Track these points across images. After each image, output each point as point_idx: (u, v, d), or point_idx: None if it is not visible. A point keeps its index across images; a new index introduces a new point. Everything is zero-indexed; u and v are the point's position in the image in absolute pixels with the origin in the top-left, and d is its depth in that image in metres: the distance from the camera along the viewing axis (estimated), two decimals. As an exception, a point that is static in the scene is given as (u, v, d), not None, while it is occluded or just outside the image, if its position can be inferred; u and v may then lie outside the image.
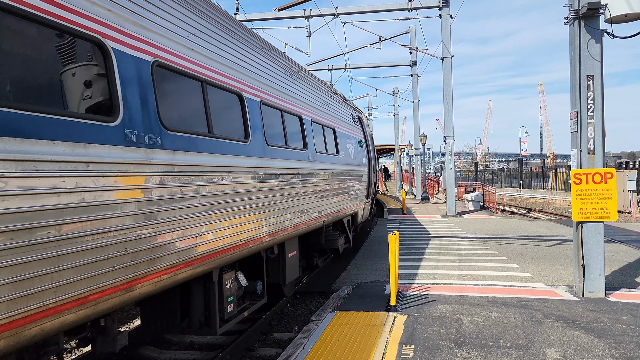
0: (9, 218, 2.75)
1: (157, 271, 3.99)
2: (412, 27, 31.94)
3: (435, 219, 20.63)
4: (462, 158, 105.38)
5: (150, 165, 3.89)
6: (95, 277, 3.34)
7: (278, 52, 7.74)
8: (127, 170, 3.64)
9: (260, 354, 6.66)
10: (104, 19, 3.59)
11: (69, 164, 3.13)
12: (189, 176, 4.41)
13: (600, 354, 5.21)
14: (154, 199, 3.93)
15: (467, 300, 7.46)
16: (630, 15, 7.14)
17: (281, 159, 6.68)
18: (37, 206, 2.91)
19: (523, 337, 5.78)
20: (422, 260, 11.06)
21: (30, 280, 2.88)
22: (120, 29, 3.77)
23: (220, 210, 4.95)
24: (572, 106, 7.70)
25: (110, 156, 3.48)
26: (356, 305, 7.36)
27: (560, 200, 35.77)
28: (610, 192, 7.38)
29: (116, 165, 3.54)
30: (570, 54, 7.66)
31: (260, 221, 5.86)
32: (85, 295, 3.26)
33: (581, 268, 7.58)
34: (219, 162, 4.96)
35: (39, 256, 2.93)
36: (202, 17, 5.17)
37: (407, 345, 5.49)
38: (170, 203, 4.13)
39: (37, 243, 2.91)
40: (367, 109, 55.53)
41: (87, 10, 3.44)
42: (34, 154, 2.88)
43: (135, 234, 3.70)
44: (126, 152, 3.65)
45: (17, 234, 2.79)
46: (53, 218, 3.02)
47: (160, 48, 4.27)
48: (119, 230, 3.54)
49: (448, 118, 21.28)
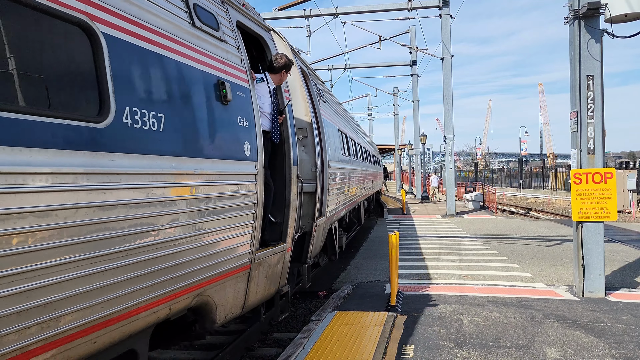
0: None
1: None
2: (412, 27, 31.96)
3: (435, 219, 20.64)
4: (462, 158, 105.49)
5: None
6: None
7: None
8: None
9: (260, 353, 6.66)
10: None
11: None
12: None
13: (600, 354, 5.21)
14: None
15: (467, 300, 7.46)
16: (630, 15, 7.14)
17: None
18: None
19: (523, 337, 5.78)
20: (422, 260, 11.06)
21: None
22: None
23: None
24: (572, 106, 7.70)
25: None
26: (356, 305, 7.36)
27: (560, 200, 35.79)
28: (610, 192, 7.38)
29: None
30: (570, 53, 7.66)
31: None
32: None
33: (581, 268, 7.58)
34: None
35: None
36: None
37: (407, 345, 5.49)
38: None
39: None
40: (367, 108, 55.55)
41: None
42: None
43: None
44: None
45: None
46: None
47: None
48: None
49: (448, 118, 21.29)
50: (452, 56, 21.26)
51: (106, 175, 2.81)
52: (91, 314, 2.76)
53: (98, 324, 2.84)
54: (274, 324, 7.99)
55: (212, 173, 3.87)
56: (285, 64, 5.55)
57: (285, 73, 5.61)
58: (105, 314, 2.85)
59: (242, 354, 6.58)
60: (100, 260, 2.80)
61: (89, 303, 2.75)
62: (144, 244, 3.09)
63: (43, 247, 2.46)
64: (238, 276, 4.43)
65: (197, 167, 3.66)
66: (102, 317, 2.85)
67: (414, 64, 34.52)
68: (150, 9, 3.39)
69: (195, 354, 6.51)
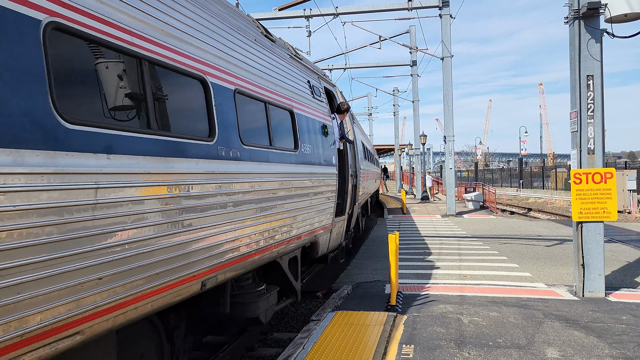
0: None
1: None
2: (412, 26, 31.95)
3: (435, 219, 20.63)
4: (462, 158, 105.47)
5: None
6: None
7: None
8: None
9: (260, 353, 6.66)
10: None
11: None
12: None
13: (600, 354, 5.21)
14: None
15: (467, 300, 7.46)
16: (630, 15, 7.14)
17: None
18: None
19: (523, 336, 5.78)
20: (422, 260, 11.07)
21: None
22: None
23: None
24: (572, 106, 7.70)
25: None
26: (356, 305, 7.36)
27: (560, 200, 35.79)
28: (610, 192, 7.38)
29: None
30: (570, 53, 7.66)
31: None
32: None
33: (581, 268, 7.58)
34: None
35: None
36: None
37: (407, 345, 5.49)
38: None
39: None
40: (367, 108, 55.56)
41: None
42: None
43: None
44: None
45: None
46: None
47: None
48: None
49: (448, 118, 21.29)
50: (452, 56, 21.27)
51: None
52: (298, 231, 6.42)
53: (301, 235, 6.57)
54: (274, 323, 8.00)
55: (323, 173, 7.39)
56: (347, 108, 9.15)
57: (346, 114, 9.08)
58: (297, 234, 6.35)
59: (242, 353, 6.58)
60: (315, 210, 6.96)
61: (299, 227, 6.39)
62: (308, 208, 6.70)
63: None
64: (327, 230, 7.98)
65: (319, 170, 7.21)
66: (298, 233, 6.45)
67: (414, 64, 34.51)
68: (298, 91, 6.94)
69: (195, 354, 6.50)
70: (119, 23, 3.31)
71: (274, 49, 6.53)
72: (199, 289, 4.12)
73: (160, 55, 3.70)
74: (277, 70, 6.27)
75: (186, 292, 3.95)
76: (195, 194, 3.95)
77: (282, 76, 6.43)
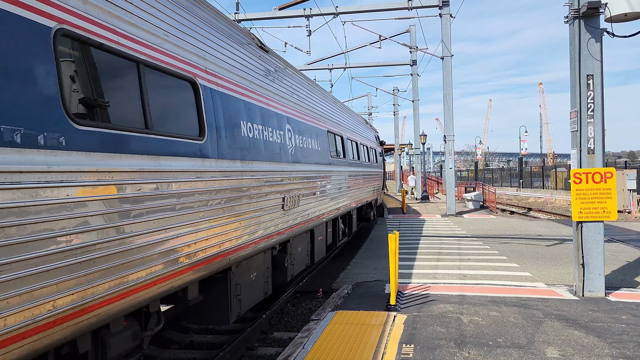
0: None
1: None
2: (412, 26, 31.93)
3: (435, 219, 20.63)
4: (462, 157, 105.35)
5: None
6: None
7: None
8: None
9: (261, 353, 6.66)
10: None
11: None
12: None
13: (600, 354, 5.21)
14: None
15: (467, 300, 7.46)
16: (630, 15, 7.14)
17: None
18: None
19: (523, 336, 5.78)
20: (422, 259, 11.07)
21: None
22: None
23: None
24: (572, 105, 7.70)
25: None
26: (356, 304, 7.36)
27: (560, 199, 35.78)
28: (610, 192, 7.38)
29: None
30: (570, 53, 7.66)
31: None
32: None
33: (581, 267, 7.58)
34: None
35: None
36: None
37: (407, 345, 5.50)
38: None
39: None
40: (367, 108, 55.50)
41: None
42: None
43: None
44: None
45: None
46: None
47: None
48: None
49: (448, 117, 21.29)
50: (452, 55, 21.27)
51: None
52: (375, 193, 18.72)
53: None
54: (274, 323, 8.00)
55: (379, 171, 20.29)
56: (382, 143, 24.08)
57: (383, 146, 24.17)
58: (374, 192, 18.30)
59: (243, 353, 6.58)
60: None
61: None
62: (374, 185, 17.99)
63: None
64: (379, 195, 20.86)
65: (379, 170, 20.11)
66: (375, 192, 18.70)
67: (414, 64, 34.50)
68: (366, 140, 17.67)
69: (195, 353, 6.51)
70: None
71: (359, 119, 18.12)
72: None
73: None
74: (366, 133, 18.10)
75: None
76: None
77: (364, 131, 17.93)
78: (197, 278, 4.80)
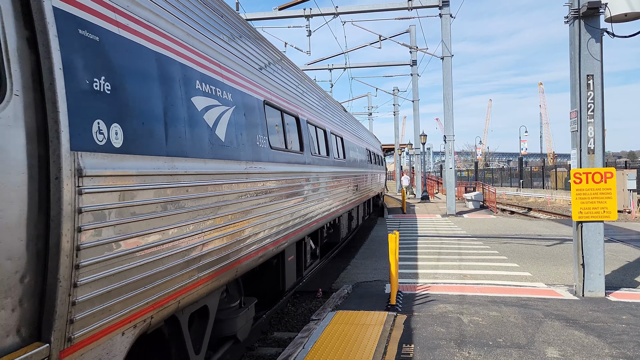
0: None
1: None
2: (412, 26, 31.94)
3: (436, 219, 20.63)
4: (462, 157, 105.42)
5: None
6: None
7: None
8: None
9: (261, 353, 6.66)
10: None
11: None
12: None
13: (600, 353, 5.21)
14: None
15: (467, 300, 7.47)
16: (631, 15, 7.14)
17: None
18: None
19: (523, 336, 5.78)
20: (422, 259, 11.07)
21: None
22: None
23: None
24: (572, 105, 7.70)
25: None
26: (356, 304, 7.36)
27: (560, 199, 35.77)
28: (610, 192, 7.38)
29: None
30: (570, 53, 7.66)
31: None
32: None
33: (581, 267, 7.58)
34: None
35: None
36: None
37: (407, 345, 5.50)
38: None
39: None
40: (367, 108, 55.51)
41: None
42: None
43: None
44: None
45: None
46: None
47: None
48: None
49: (448, 117, 21.29)
50: (452, 55, 21.27)
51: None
52: (379, 187, 23.56)
53: (377, 190, 22.34)
54: (274, 323, 8.00)
55: (382, 171, 25.54)
56: (382, 147, 27.81)
57: (385, 151, 34.33)
58: (378, 187, 22.75)
59: (242, 353, 6.58)
60: (378, 182, 22.31)
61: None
62: (377, 181, 22.29)
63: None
64: (382, 189, 26.03)
65: (382, 170, 25.65)
66: (380, 187, 24.21)
67: (414, 64, 34.51)
68: (375, 149, 23.51)
69: (195, 353, 6.49)
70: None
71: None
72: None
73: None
74: (374, 143, 23.52)
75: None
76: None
77: (374, 142, 23.87)
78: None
